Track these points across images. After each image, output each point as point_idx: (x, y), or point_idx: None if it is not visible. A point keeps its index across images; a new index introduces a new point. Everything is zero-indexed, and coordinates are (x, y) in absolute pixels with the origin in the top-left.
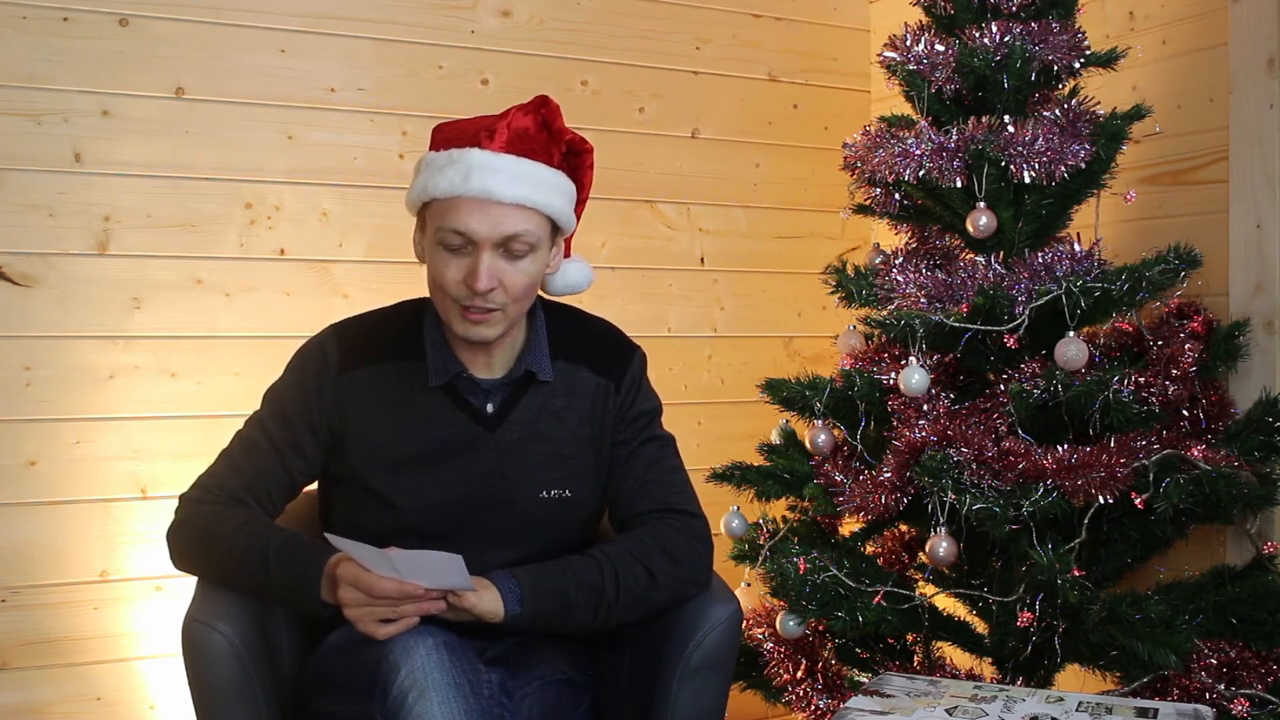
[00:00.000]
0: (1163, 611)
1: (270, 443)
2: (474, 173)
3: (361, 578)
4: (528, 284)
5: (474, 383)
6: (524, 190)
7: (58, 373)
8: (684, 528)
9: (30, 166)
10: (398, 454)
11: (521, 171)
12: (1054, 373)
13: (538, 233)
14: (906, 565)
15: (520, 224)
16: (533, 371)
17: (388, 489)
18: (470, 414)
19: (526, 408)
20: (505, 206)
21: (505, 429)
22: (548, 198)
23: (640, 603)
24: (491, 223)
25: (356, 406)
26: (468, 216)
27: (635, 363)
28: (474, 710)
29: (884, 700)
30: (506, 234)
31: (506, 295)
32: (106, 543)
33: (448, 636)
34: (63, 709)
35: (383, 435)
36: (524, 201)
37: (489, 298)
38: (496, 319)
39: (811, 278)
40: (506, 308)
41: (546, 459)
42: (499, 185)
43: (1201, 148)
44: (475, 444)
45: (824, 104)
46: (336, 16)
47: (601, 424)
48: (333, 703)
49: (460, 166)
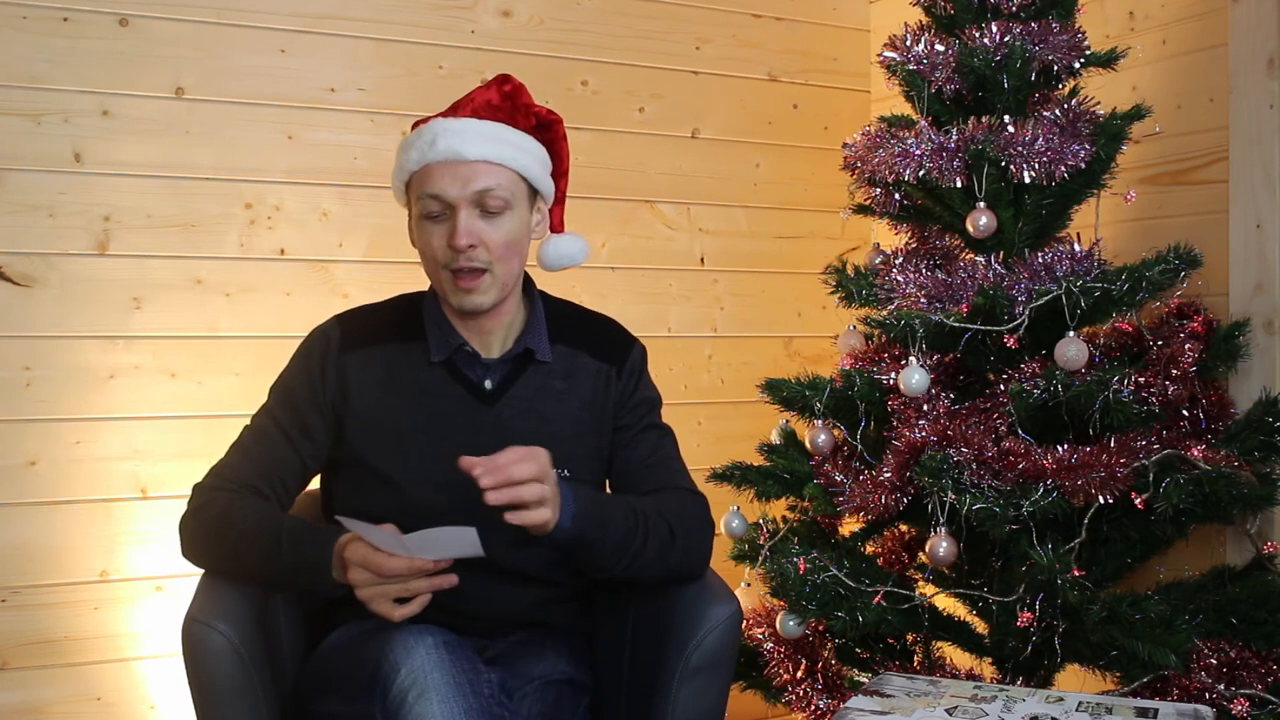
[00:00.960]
0: (1163, 611)
1: (280, 429)
2: (439, 138)
3: (371, 557)
4: (508, 241)
5: (474, 359)
6: (490, 147)
7: (58, 373)
8: (694, 504)
9: (30, 166)
10: (397, 429)
11: (485, 131)
12: (1054, 373)
13: (510, 188)
14: (906, 565)
15: (490, 180)
16: (531, 350)
17: (388, 466)
18: (469, 388)
19: (525, 385)
20: (473, 164)
21: (504, 404)
22: (515, 155)
23: (657, 561)
24: (462, 181)
25: (358, 385)
26: (439, 179)
27: (635, 352)
28: (474, 709)
29: (884, 700)
30: (477, 189)
31: (490, 254)
32: (106, 543)
33: (447, 636)
34: (63, 709)
35: (383, 412)
36: (490, 157)
37: (472, 256)
38: (486, 282)
39: (811, 278)
40: (493, 267)
41: (545, 438)
42: (463, 144)
43: (1201, 148)
44: (474, 419)
45: (824, 104)
46: (336, 16)
47: (602, 409)
48: (333, 703)
49: (426, 136)
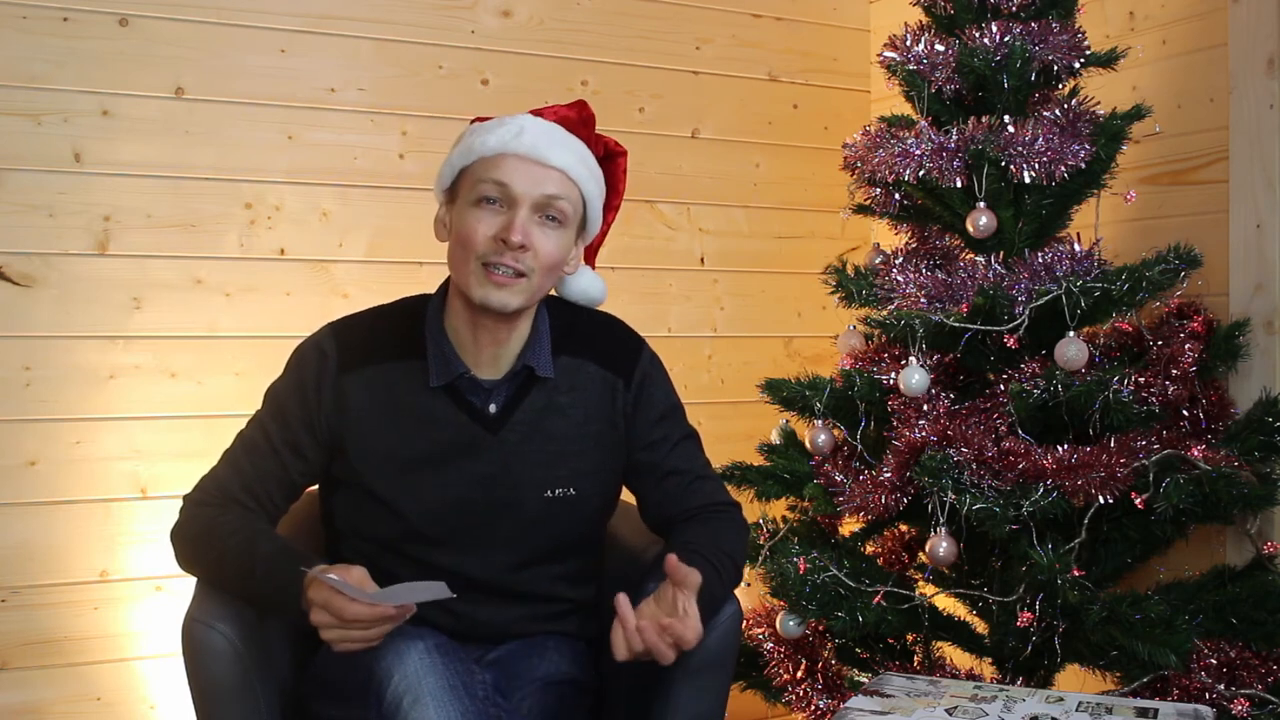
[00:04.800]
0: (1163, 611)
1: (269, 443)
2: (527, 131)
3: (332, 601)
4: (556, 257)
5: (475, 382)
6: (571, 160)
7: (58, 373)
8: (738, 522)
9: (30, 166)
10: (399, 457)
11: (571, 143)
12: (1054, 373)
13: (574, 205)
14: (906, 565)
15: (561, 189)
16: (531, 368)
17: (390, 493)
18: (472, 414)
19: (529, 407)
20: (550, 169)
21: (508, 430)
22: (587, 178)
23: (724, 598)
24: (535, 180)
25: (356, 408)
26: (513, 170)
27: (644, 358)
28: (470, 711)
29: (884, 700)
30: (547, 194)
31: (536, 261)
32: (106, 543)
33: (439, 639)
34: (63, 709)
35: (384, 438)
36: (568, 170)
37: (519, 257)
38: (520, 286)
39: (811, 278)
40: (532, 275)
41: (550, 458)
42: (549, 146)
43: (1201, 148)
44: (477, 446)
45: (824, 104)
46: (336, 16)
47: (611, 423)
48: (330, 707)
49: (512, 126)
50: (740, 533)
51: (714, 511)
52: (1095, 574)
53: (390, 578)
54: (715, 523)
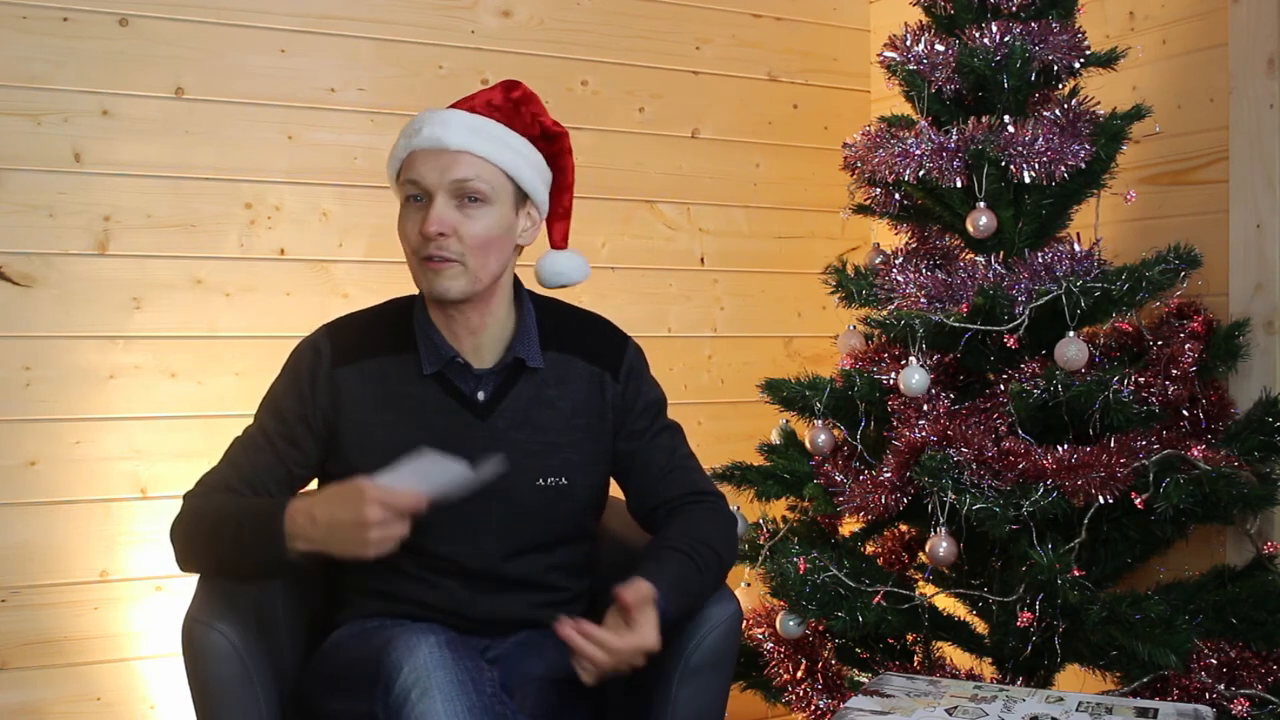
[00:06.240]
0: (1163, 611)
1: (265, 438)
2: (425, 126)
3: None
4: (484, 236)
5: (466, 370)
6: (474, 139)
7: (58, 373)
8: (720, 511)
9: (30, 166)
10: (392, 445)
11: (472, 124)
12: (1054, 373)
13: (491, 182)
14: (906, 565)
15: (469, 170)
16: (522, 359)
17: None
18: (461, 401)
19: (518, 396)
20: (455, 153)
21: (497, 417)
22: (499, 151)
23: (713, 586)
24: (440, 169)
25: (350, 400)
26: (420, 165)
27: (629, 352)
28: (476, 707)
29: (884, 700)
30: (455, 178)
31: (462, 244)
32: (106, 543)
33: (449, 635)
34: (63, 709)
35: (378, 428)
36: (473, 149)
37: (442, 245)
38: (456, 270)
39: (811, 278)
40: (465, 259)
41: (541, 447)
42: (446, 133)
43: (1201, 148)
44: (468, 432)
45: (824, 104)
46: (336, 16)
47: (600, 415)
48: (335, 701)
49: (414, 125)
50: (720, 519)
51: (693, 501)
52: (1095, 574)
53: (391, 568)
54: (694, 513)
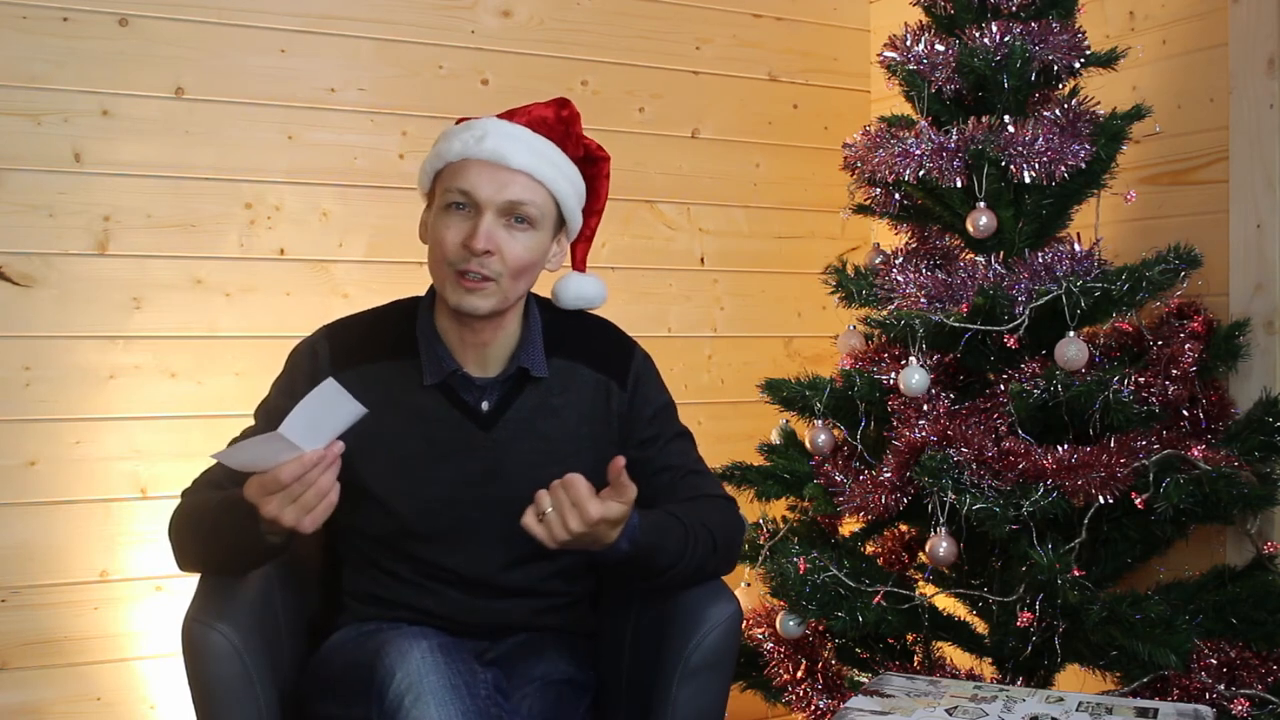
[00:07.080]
0: (1163, 611)
1: None
2: (489, 136)
3: (265, 481)
4: (525, 260)
5: (469, 380)
6: (535, 161)
7: (58, 373)
8: (733, 514)
9: (30, 166)
10: (393, 455)
11: (536, 145)
12: (1054, 373)
13: (542, 208)
14: (906, 565)
15: (526, 193)
16: (526, 368)
17: (384, 491)
18: (465, 412)
19: (522, 406)
20: (514, 173)
21: (501, 427)
22: (556, 178)
23: (697, 570)
24: (498, 185)
25: None
26: (475, 176)
27: (637, 359)
28: (471, 711)
29: (884, 700)
30: (511, 199)
31: (503, 265)
32: (106, 543)
33: (443, 638)
34: (63, 709)
35: (378, 435)
36: (533, 172)
37: (485, 263)
38: (490, 290)
39: (811, 278)
40: (501, 279)
41: (544, 457)
42: (511, 150)
43: (1201, 148)
44: (471, 443)
45: (824, 104)
46: (336, 16)
47: (605, 423)
48: (331, 706)
49: (476, 131)
50: (729, 517)
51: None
52: (1095, 574)
53: (389, 574)
54: (702, 502)
